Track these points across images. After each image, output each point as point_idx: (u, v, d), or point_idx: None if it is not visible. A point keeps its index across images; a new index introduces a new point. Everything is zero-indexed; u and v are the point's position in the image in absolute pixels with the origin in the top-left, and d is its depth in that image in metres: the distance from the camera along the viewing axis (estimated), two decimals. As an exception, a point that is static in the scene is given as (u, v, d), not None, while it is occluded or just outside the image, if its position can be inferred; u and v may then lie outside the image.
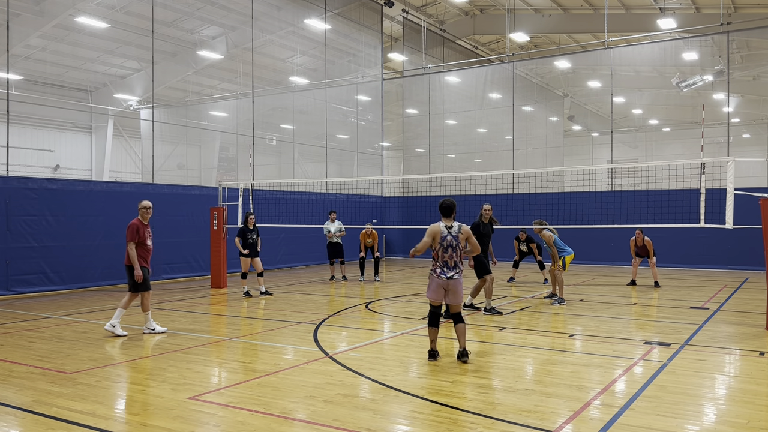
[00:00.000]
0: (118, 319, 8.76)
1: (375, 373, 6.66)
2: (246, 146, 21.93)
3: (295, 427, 5.03)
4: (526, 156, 24.21)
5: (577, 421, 5.05)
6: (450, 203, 7.17)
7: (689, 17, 22.62)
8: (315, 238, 19.93)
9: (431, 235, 7.04)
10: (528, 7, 25.36)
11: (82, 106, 27.02)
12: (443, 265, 7.05)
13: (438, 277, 7.03)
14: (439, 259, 7.06)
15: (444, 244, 7.01)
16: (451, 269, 7.04)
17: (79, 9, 20.13)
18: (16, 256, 12.84)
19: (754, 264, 15.72)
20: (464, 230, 7.13)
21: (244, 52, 22.04)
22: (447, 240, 7.01)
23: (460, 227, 7.11)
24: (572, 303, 11.79)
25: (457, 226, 7.11)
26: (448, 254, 7.03)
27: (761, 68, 25.91)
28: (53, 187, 13.75)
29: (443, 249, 7.02)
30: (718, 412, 5.44)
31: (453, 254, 7.04)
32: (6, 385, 6.24)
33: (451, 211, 7.15)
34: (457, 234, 7.06)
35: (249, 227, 12.89)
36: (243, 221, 13.21)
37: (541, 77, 28.34)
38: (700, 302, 11.88)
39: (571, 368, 6.81)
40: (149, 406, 5.56)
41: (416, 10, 26.07)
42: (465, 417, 5.22)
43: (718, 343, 8.18)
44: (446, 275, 7.02)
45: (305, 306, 11.63)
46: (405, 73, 26.39)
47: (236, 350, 7.95)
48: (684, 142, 31.03)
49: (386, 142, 27.26)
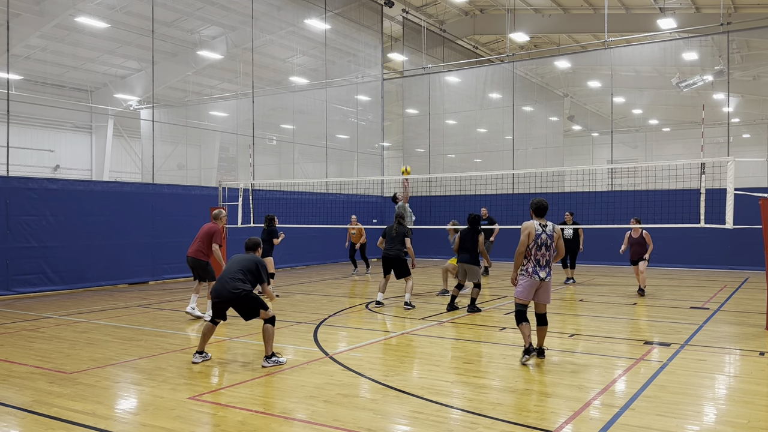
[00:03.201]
0: (194, 302, 10.27)
1: (375, 373, 6.66)
2: (246, 146, 21.93)
3: (295, 427, 5.03)
4: (526, 156, 24.21)
5: (577, 421, 5.05)
6: (546, 203, 7.12)
7: (689, 17, 22.62)
8: (315, 238, 19.93)
9: (526, 232, 6.94)
10: (528, 7, 25.36)
11: (82, 106, 27.03)
12: (536, 264, 6.95)
13: (531, 276, 6.93)
14: (531, 257, 6.94)
15: (539, 242, 6.92)
16: (543, 268, 6.95)
17: (79, 9, 20.13)
18: (16, 256, 12.83)
19: (754, 264, 15.71)
20: (557, 230, 7.09)
21: (244, 52, 22.04)
22: (542, 238, 6.93)
23: (554, 227, 7.06)
24: (572, 303, 11.79)
25: (551, 225, 7.06)
26: (542, 252, 6.94)
27: (761, 68, 25.91)
28: (53, 187, 13.75)
29: (537, 247, 6.92)
30: (718, 412, 5.44)
31: (546, 253, 6.96)
32: (6, 385, 6.24)
33: (545, 211, 7.10)
34: (551, 233, 7.01)
35: (273, 227, 12.97)
36: (268, 224, 13.04)
37: (541, 77, 28.34)
38: (700, 302, 11.88)
39: (571, 368, 6.81)
40: (149, 406, 5.56)
41: (416, 10, 26.06)
42: (465, 417, 5.22)
43: (718, 343, 8.18)
44: (539, 276, 6.93)
45: (305, 306, 11.63)
46: (405, 73, 26.38)
47: (236, 350, 7.95)
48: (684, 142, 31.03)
49: (386, 142, 27.25)
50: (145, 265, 15.41)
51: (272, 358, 6.95)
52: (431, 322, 9.83)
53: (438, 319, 10.06)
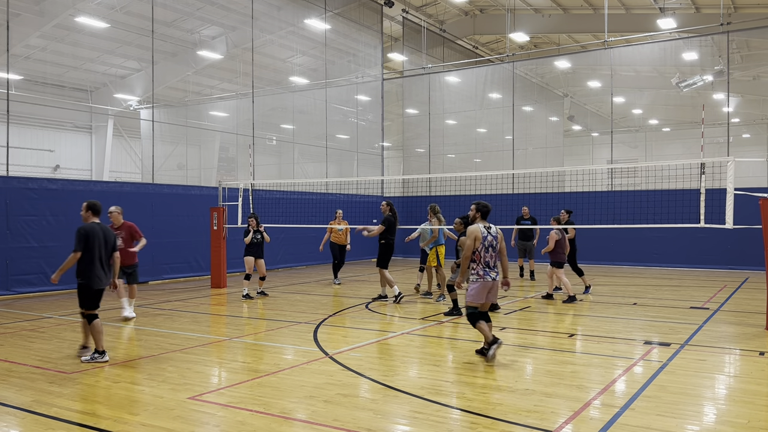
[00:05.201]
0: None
1: (375, 373, 6.66)
2: (246, 146, 21.93)
3: (295, 427, 5.03)
4: (526, 156, 24.21)
5: (577, 421, 5.05)
6: (490, 206, 7.39)
7: (689, 17, 22.61)
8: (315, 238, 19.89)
9: (473, 237, 7.09)
10: (528, 7, 25.35)
11: (82, 106, 27.03)
12: (485, 266, 7.09)
13: (483, 279, 7.06)
14: (480, 260, 7.08)
15: (485, 244, 7.09)
16: (493, 269, 7.13)
17: (79, 9, 20.13)
18: (16, 256, 12.83)
19: (754, 264, 15.71)
20: (500, 232, 7.30)
21: (244, 52, 22.03)
22: (488, 240, 7.11)
23: (496, 229, 7.28)
24: (572, 303, 11.78)
25: (494, 227, 7.27)
26: (489, 254, 7.11)
27: (761, 68, 25.92)
28: (53, 187, 13.74)
29: (485, 249, 7.08)
30: (718, 412, 5.44)
31: (493, 254, 7.15)
32: (6, 385, 6.24)
33: (488, 214, 7.36)
34: (495, 234, 7.21)
35: (251, 229, 12.85)
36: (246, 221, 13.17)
37: (541, 77, 28.34)
38: (700, 302, 11.88)
39: (571, 368, 6.82)
40: (149, 406, 5.56)
41: (416, 10, 26.06)
42: (465, 417, 5.22)
43: (718, 343, 8.18)
44: (491, 276, 7.08)
45: (305, 306, 11.63)
46: (405, 73, 26.38)
47: (236, 350, 7.95)
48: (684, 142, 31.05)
49: (386, 142, 27.25)
50: (145, 265, 15.36)
51: (94, 354, 7.14)
52: (431, 322, 9.84)
53: (438, 319, 10.06)
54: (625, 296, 12.82)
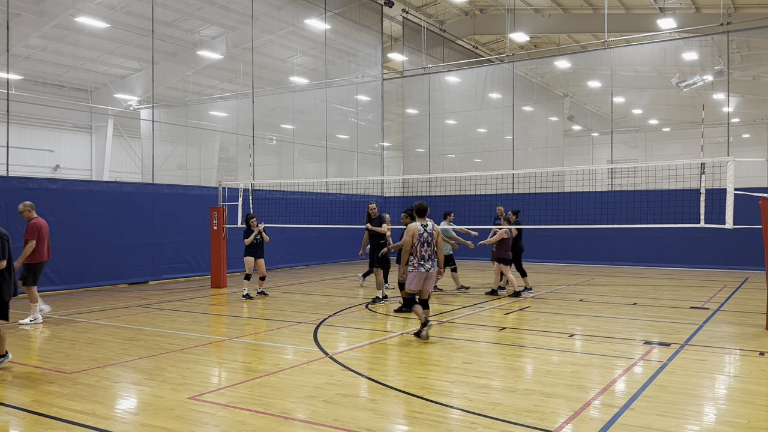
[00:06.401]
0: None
1: (375, 373, 6.66)
2: (246, 146, 21.93)
3: (295, 427, 5.03)
4: (526, 156, 24.21)
5: (577, 421, 5.05)
6: (426, 205, 8.44)
7: (689, 17, 22.62)
8: (315, 238, 19.94)
9: (410, 233, 8.19)
10: (528, 7, 25.36)
11: (82, 106, 27.03)
12: (421, 258, 8.23)
13: (417, 269, 8.25)
14: (417, 253, 8.22)
15: (422, 240, 8.20)
16: (428, 261, 8.26)
17: (79, 9, 20.13)
18: (15, 256, 12.77)
19: (754, 264, 15.71)
20: (436, 228, 8.38)
21: (244, 52, 22.03)
22: (423, 236, 8.22)
23: (433, 225, 8.37)
24: (572, 303, 11.79)
25: (431, 224, 8.35)
26: (425, 249, 8.22)
27: (761, 68, 25.92)
28: (53, 187, 13.74)
29: (421, 244, 8.20)
30: (718, 412, 5.44)
31: (428, 249, 8.26)
32: (6, 385, 6.24)
33: (425, 212, 8.40)
34: (431, 231, 8.30)
35: (251, 229, 12.83)
36: (244, 222, 13.17)
37: (541, 77, 28.34)
38: (700, 302, 11.88)
39: (571, 368, 6.82)
40: (149, 406, 5.56)
41: (416, 10, 26.06)
42: (465, 417, 5.22)
43: (718, 343, 8.18)
44: (425, 267, 8.25)
45: (305, 306, 11.63)
46: (405, 73, 26.38)
47: (236, 350, 7.95)
48: (684, 142, 31.06)
49: (386, 142, 27.26)
50: (145, 265, 15.41)
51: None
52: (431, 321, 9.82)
53: (438, 319, 10.06)
54: (625, 296, 12.82)
